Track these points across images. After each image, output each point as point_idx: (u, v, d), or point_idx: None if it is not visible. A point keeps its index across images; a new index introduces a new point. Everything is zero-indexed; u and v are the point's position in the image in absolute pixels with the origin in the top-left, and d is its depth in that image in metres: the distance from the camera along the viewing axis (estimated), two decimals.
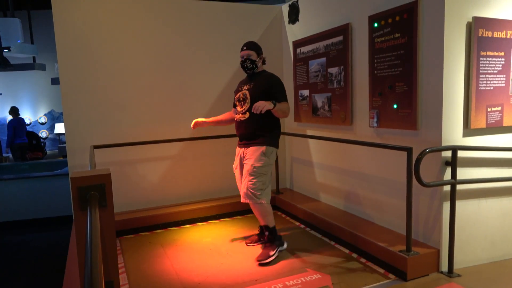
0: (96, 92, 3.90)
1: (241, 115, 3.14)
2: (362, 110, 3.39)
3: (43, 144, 10.84)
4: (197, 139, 4.22)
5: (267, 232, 3.16)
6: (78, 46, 3.80)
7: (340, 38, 3.56)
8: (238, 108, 3.19)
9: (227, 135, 4.19)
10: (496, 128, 2.81)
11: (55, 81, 10.49)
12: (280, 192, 4.55)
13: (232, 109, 3.41)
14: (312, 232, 3.70)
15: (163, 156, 4.21)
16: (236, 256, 3.18)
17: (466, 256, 2.80)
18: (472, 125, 2.69)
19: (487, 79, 2.71)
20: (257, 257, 3.05)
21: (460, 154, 2.66)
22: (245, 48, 3.13)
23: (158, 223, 3.93)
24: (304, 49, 4.12)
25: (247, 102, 3.10)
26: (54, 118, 12.83)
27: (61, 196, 6.13)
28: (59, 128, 11.94)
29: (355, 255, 3.11)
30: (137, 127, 4.06)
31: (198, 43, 4.28)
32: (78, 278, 2.05)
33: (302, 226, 3.88)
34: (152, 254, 3.30)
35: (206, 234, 3.75)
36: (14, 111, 9.24)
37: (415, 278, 2.65)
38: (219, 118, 3.49)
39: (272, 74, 3.19)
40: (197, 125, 3.40)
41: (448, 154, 2.65)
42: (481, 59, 2.67)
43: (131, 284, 2.79)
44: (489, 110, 2.73)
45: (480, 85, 2.68)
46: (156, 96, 4.13)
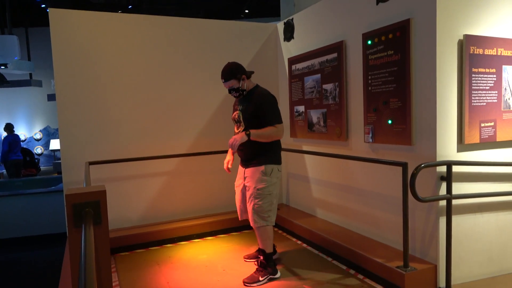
0: (92, 109, 3.91)
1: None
2: (357, 125, 3.41)
3: (37, 160, 10.77)
4: (192, 155, 4.21)
5: (262, 257, 3.07)
6: (75, 63, 3.83)
7: (335, 55, 3.62)
8: (235, 129, 3.16)
9: (222, 151, 4.18)
10: (489, 143, 2.84)
11: (51, 97, 10.52)
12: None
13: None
14: (309, 248, 3.67)
15: (158, 172, 4.20)
16: (232, 274, 3.15)
17: (463, 271, 2.78)
18: (466, 140, 2.71)
19: (480, 95, 2.75)
20: (244, 278, 2.96)
21: (455, 169, 2.67)
22: (223, 81, 3.00)
23: (154, 240, 3.89)
24: (300, 65, 4.17)
25: (242, 124, 3.05)
26: (49, 134, 12.81)
27: (55, 213, 6.04)
28: (54, 144, 11.91)
29: (353, 271, 3.08)
30: (132, 143, 4.06)
31: (194, 60, 4.32)
32: None
33: (299, 242, 3.85)
34: (147, 272, 3.26)
35: (202, 251, 3.72)
36: (9, 127, 9.18)
37: None
38: None
39: (264, 93, 3.02)
40: (230, 163, 3.25)
41: (443, 169, 2.66)
42: (473, 75, 2.71)
43: None
44: (482, 125, 2.77)
45: (473, 101, 2.72)
46: (151, 113, 4.14)
